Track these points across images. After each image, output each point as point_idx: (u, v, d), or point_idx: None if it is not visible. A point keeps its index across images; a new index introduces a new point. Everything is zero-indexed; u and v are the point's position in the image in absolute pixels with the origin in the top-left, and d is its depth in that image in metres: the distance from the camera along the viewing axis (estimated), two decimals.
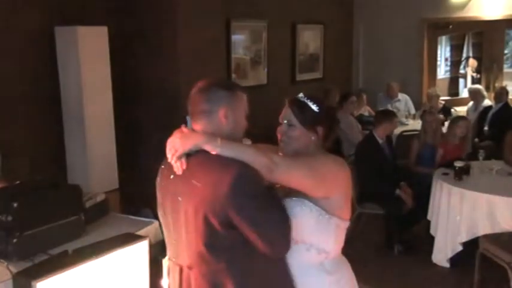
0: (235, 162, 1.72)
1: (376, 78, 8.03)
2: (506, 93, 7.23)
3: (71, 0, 4.62)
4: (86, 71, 4.40)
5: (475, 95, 7.54)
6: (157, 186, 2.00)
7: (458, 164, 4.50)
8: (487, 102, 7.43)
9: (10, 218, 2.38)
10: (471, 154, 5.45)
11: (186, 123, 1.97)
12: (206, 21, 5.46)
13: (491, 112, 7.09)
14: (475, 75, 9.83)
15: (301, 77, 7.16)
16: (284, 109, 1.99)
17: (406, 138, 6.16)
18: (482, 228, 4.10)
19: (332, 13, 7.81)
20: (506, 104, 7.05)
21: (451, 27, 8.75)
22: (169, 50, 5.16)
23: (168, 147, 1.83)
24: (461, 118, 5.66)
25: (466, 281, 4.18)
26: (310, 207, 1.85)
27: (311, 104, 1.95)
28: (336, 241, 1.93)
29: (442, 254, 4.46)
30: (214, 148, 1.74)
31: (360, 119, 6.93)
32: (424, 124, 5.55)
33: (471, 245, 4.16)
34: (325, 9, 7.61)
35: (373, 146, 5.00)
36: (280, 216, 1.78)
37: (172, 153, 1.80)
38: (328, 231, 1.89)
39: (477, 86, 8.00)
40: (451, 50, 10.14)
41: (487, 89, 8.29)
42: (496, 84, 8.47)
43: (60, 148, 4.57)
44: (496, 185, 4.33)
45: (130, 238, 2.50)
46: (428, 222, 4.64)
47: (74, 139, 4.53)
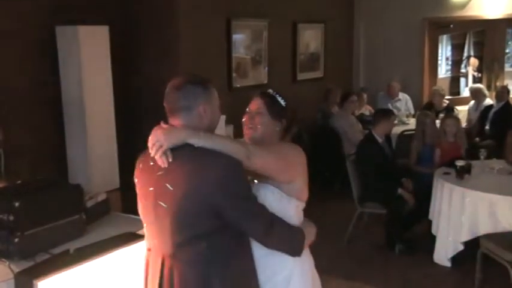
0: (221, 154, 1.83)
1: (377, 77, 8.03)
2: (508, 92, 7.23)
3: (72, 0, 4.63)
4: (87, 71, 4.41)
5: (476, 94, 7.53)
6: (136, 178, 2.04)
7: (459, 163, 4.49)
8: (488, 101, 7.43)
9: (12, 217, 2.38)
10: (472, 153, 5.45)
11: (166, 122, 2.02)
12: (207, 20, 5.47)
13: (493, 111, 7.09)
14: (476, 74, 9.82)
15: (301, 76, 7.15)
16: (254, 100, 2.20)
17: (406, 138, 6.16)
18: (484, 228, 4.09)
19: (333, 12, 7.80)
20: (508, 103, 7.05)
21: (452, 26, 8.74)
22: (170, 49, 5.17)
23: (150, 143, 1.89)
24: (449, 117, 5.68)
25: (467, 281, 4.17)
26: (272, 190, 2.02)
27: (279, 98, 2.20)
28: (296, 220, 2.07)
29: (443, 253, 4.46)
30: (197, 141, 1.84)
31: (361, 118, 6.93)
32: (420, 125, 5.55)
33: (472, 245, 4.16)
34: (326, 8, 7.60)
35: (373, 145, 5.00)
36: (259, 206, 1.92)
37: (157, 148, 1.86)
38: (289, 211, 2.05)
39: (478, 85, 8.00)
40: (452, 49, 10.13)
41: (488, 88, 8.27)
42: (497, 84, 8.46)
43: (61, 148, 4.58)
44: (497, 184, 4.33)
45: (132, 237, 2.50)
46: (430, 222, 4.64)
47: (75, 139, 4.54)
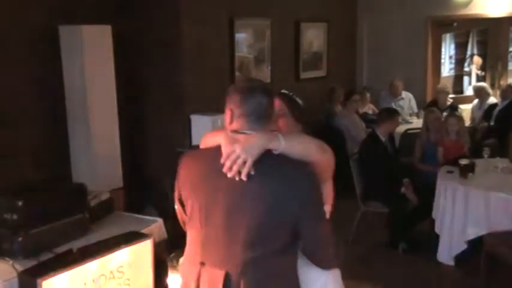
0: (303, 163, 1.76)
1: (380, 76, 8.00)
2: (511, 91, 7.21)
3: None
4: (90, 70, 4.41)
5: (479, 93, 7.52)
6: (186, 179, 1.88)
7: (463, 162, 4.48)
8: (492, 99, 7.41)
9: (15, 216, 2.39)
10: (475, 151, 5.43)
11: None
12: (210, 19, 5.47)
13: (497, 109, 7.07)
14: (479, 72, 9.78)
15: (305, 75, 7.14)
16: (276, 102, 2.02)
17: (410, 136, 6.15)
18: (488, 227, 4.08)
19: (336, 11, 7.79)
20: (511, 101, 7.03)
21: (455, 24, 8.71)
22: (173, 48, 5.17)
23: (228, 159, 1.71)
24: (451, 115, 5.68)
25: (471, 280, 4.16)
26: None
27: (297, 99, 2.19)
28: None
29: (447, 252, 4.45)
30: (278, 145, 1.74)
31: (364, 117, 6.92)
32: (426, 122, 5.55)
33: (477, 244, 4.15)
34: (329, 7, 7.59)
35: (377, 144, 5.00)
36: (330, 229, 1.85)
37: (239, 165, 1.70)
38: None
39: (482, 83, 7.98)
40: (456, 47, 10.10)
41: (492, 86, 8.24)
42: (501, 82, 8.43)
43: (64, 147, 4.58)
44: (501, 183, 4.31)
45: (135, 236, 2.51)
46: (433, 220, 4.63)
47: (78, 138, 4.54)
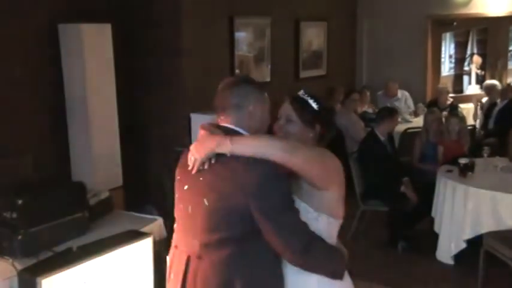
0: (260, 161, 1.74)
1: (380, 75, 8.00)
2: (511, 90, 7.21)
3: None
4: (90, 69, 4.41)
5: (490, 91, 7.49)
6: (178, 169, 1.98)
7: (462, 161, 4.49)
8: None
9: (15, 215, 2.39)
10: (475, 151, 5.44)
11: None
12: (210, 17, 5.46)
13: (496, 109, 7.07)
14: (479, 72, 9.78)
15: (304, 74, 7.14)
16: (284, 105, 2.02)
17: (410, 136, 6.15)
18: (487, 225, 4.09)
19: (335, 10, 7.79)
20: (511, 101, 7.03)
21: (455, 23, 8.70)
22: (173, 47, 5.16)
23: (189, 155, 1.86)
24: (453, 115, 5.70)
25: (470, 278, 4.16)
26: (299, 203, 1.85)
27: (312, 101, 1.99)
28: (325, 238, 1.87)
29: (446, 251, 4.45)
30: (228, 150, 1.76)
31: (364, 116, 6.92)
32: (426, 122, 5.57)
33: (476, 243, 4.16)
34: (329, 6, 7.59)
35: (376, 143, 5.01)
36: (299, 221, 1.78)
37: (192, 163, 1.83)
38: (316, 228, 1.84)
39: (493, 81, 7.90)
40: (456, 46, 10.09)
41: None
42: (502, 81, 8.43)
43: (64, 145, 4.58)
44: (501, 182, 4.31)
45: (135, 235, 2.51)
46: (432, 219, 4.63)
47: (78, 136, 4.54)
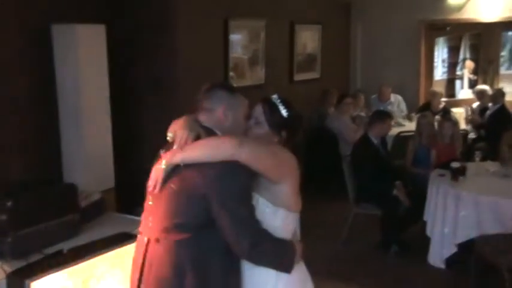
0: (219, 162, 1.86)
1: (374, 78, 8.03)
2: (503, 95, 7.25)
3: None
4: (83, 70, 4.39)
5: (481, 96, 7.54)
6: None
7: (454, 165, 4.51)
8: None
9: (4, 216, 2.37)
10: (467, 155, 5.47)
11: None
12: (204, 19, 5.46)
13: (488, 113, 7.11)
14: (471, 77, 9.84)
15: (298, 76, 7.14)
16: (256, 107, 2.12)
17: (403, 139, 6.17)
18: (478, 230, 4.10)
19: (330, 13, 7.81)
20: (503, 106, 7.07)
21: (448, 28, 8.76)
22: (167, 48, 5.15)
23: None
24: (446, 119, 5.72)
25: (461, 282, 4.19)
26: (257, 199, 1.95)
27: (282, 107, 2.08)
28: (282, 232, 1.97)
29: (438, 255, 4.47)
30: (178, 160, 1.91)
31: (359, 119, 6.90)
32: (419, 126, 5.59)
33: (468, 247, 4.17)
34: (323, 9, 7.61)
35: (369, 146, 5.02)
36: (252, 217, 1.89)
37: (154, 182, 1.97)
38: (275, 222, 1.95)
39: (483, 86, 7.97)
40: (449, 51, 10.14)
41: None
42: (493, 86, 8.48)
43: (56, 146, 4.55)
44: (492, 187, 4.34)
45: (126, 237, 2.50)
46: (425, 223, 4.64)
47: (70, 137, 4.51)
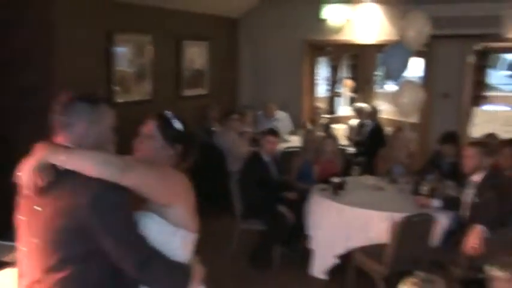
0: (95, 180, 1.75)
1: (260, 95, 8.23)
2: (377, 112, 7.79)
3: None
4: None
5: (359, 113, 8.01)
6: (19, 197, 1.95)
7: (335, 180, 4.74)
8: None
9: None
10: (346, 169, 5.76)
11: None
12: (87, 32, 5.27)
13: (366, 130, 7.58)
14: (351, 94, 10.46)
15: (187, 92, 7.13)
16: (147, 122, 2.07)
17: (288, 155, 6.36)
18: (357, 241, 4.32)
19: (218, 30, 7.90)
20: (378, 122, 7.59)
21: (329, 49, 9.22)
22: (45, 63, 4.90)
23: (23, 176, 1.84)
24: (327, 136, 6.03)
25: None
26: (155, 219, 1.90)
27: (176, 122, 2.06)
28: (182, 253, 1.96)
29: (320, 267, 4.63)
30: (59, 161, 1.77)
31: (245, 135, 7.01)
32: (304, 142, 5.79)
33: (347, 257, 4.38)
34: (211, 26, 7.68)
35: (257, 163, 5.11)
36: (138, 236, 1.83)
37: (27, 181, 1.81)
38: (174, 243, 1.92)
39: (361, 104, 8.48)
40: (331, 70, 10.70)
41: None
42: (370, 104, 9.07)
43: None
44: (369, 200, 4.60)
45: None
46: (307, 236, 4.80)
47: None
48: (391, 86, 8.33)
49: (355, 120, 8.04)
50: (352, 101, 10.22)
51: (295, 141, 7.06)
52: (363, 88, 9.91)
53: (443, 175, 4.87)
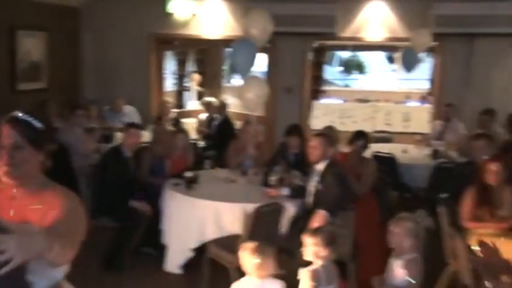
0: None
1: (107, 90, 7.91)
2: (225, 106, 7.96)
3: None
4: None
5: (208, 107, 8.09)
6: None
7: (187, 174, 4.75)
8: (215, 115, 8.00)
9: None
10: (198, 163, 5.80)
11: None
12: None
13: (215, 124, 7.70)
14: (199, 88, 10.54)
15: (22, 86, 6.57)
16: (4, 130, 1.78)
17: (138, 150, 6.18)
18: (211, 233, 4.37)
19: (57, 20, 7.40)
20: (226, 116, 7.75)
21: (176, 43, 9.18)
22: None
23: None
24: (179, 131, 6.05)
25: (197, 286, 4.40)
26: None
27: (33, 121, 1.82)
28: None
29: (174, 261, 4.62)
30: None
31: (93, 131, 6.68)
32: (155, 136, 5.71)
33: (201, 250, 4.41)
34: (49, 16, 7.17)
35: (116, 159, 4.92)
36: None
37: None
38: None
39: (210, 98, 8.57)
40: (178, 64, 10.67)
41: None
42: (218, 98, 9.24)
43: None
44: (221, 192, 4.69)
45: None
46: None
47: None
48: (238, 80, 8.56)
49: (204, 114, 8.13)
50: (200, 95, 10.31)
51: (145, 136, 6.90)
52: (211, 82, 10.05)
53: (290, 165, 5.15)
